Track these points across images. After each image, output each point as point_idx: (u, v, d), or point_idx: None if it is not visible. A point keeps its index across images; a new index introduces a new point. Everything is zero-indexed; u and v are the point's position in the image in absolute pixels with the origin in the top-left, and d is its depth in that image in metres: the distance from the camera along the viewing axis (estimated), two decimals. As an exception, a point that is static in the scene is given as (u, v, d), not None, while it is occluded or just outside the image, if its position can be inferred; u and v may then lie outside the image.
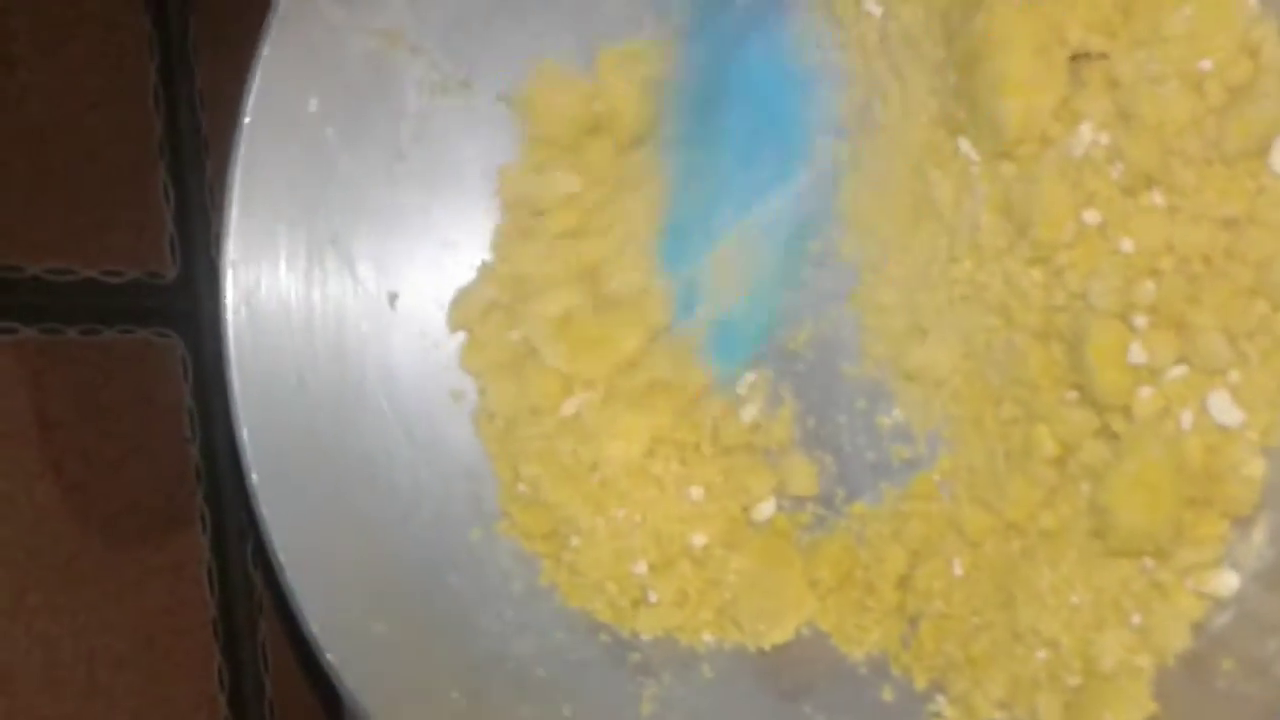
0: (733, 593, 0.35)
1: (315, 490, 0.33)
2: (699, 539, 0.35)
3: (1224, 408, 0.29)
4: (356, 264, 0.35)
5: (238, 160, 0.32)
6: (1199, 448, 0.29)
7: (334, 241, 0.35)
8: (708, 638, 0.35)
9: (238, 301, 0.33)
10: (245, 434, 0.32)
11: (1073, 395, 0.31)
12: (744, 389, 0.35)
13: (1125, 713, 0.29)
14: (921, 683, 0.32)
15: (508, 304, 0.36)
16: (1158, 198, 0.30)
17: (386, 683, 0.31)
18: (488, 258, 0.37)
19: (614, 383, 0.35)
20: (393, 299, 0.36)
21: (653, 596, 0.35)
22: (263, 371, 0.33)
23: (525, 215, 0.36)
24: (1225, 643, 0.29)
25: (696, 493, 0.35)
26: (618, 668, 0.35)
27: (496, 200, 0.37)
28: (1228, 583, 0.29)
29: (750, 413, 0.35)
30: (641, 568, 0.35)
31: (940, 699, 0.32)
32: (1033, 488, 0.31)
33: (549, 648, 0.35)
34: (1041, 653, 0.30)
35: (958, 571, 0.32)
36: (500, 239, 0.36)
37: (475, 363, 0.36)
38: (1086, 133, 0.30)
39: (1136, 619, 0.30)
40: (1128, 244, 0.30)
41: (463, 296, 0.36)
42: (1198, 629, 0.29)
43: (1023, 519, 0.31)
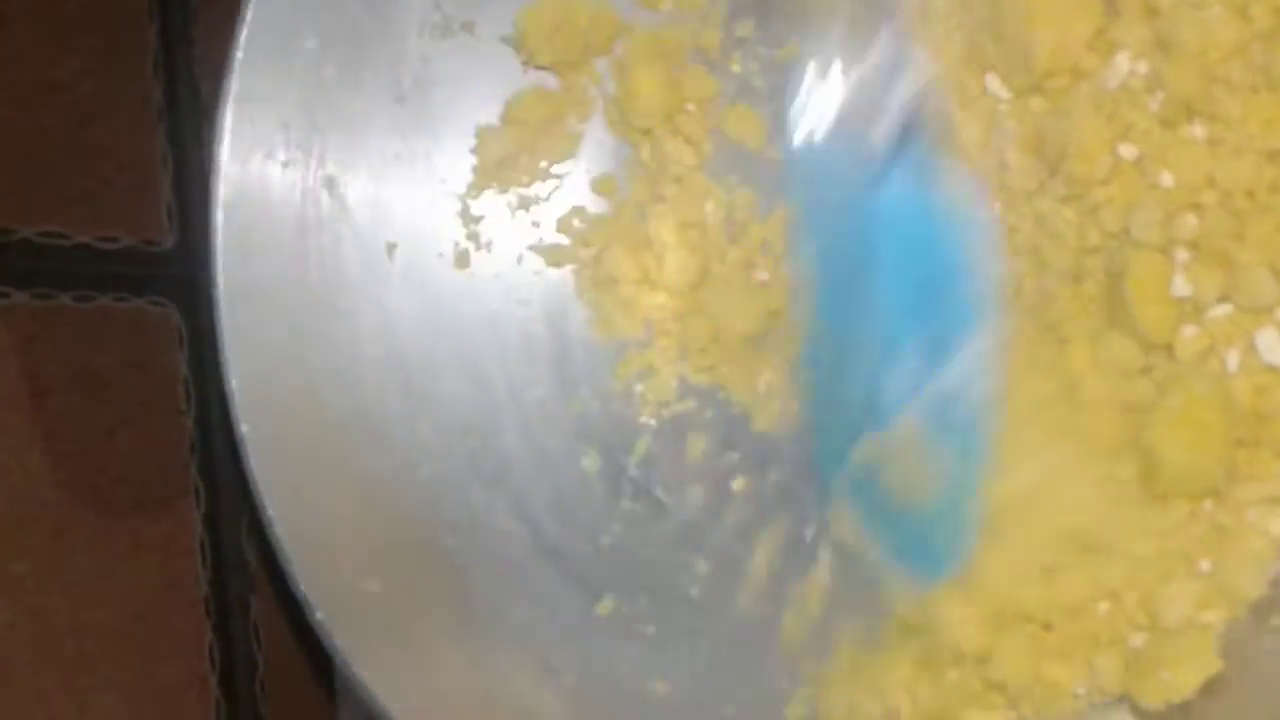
0: None
1: (308, 443, 0.32)
2: None
3: (1272, 346, 0.28)
4: (353, 211, 0.35)
5: (228, 96, 0.31)
6: (1247, 387, 0.28)
7: (330, 186, 0.34)
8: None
9: (229, 244, 0.32)
10: (235, 384, 0.31)
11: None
12: None
13: (1189, 672, 0.28)
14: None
15: None
16: (1199, 129, 0.29)
17: (378, 644, 0.31)
18: (488, 207, 0.37)
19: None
20: (390, 249, 0.36)
21: None
22: (254, 320, 0.32)
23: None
24: (1273, 600, 0.28)
25: None
26: (620, 634, 0.34)
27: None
28: None
29: None
30: None
31: None
32: None
33: (548, 612, 0.34)
34: (1104, 605, 0.29)
35: None
36: None
37: None
38: (1123, 63, 0.29)
39: (1205, 565, 0.29)
40: (1167, 178, 0.29)
41: None
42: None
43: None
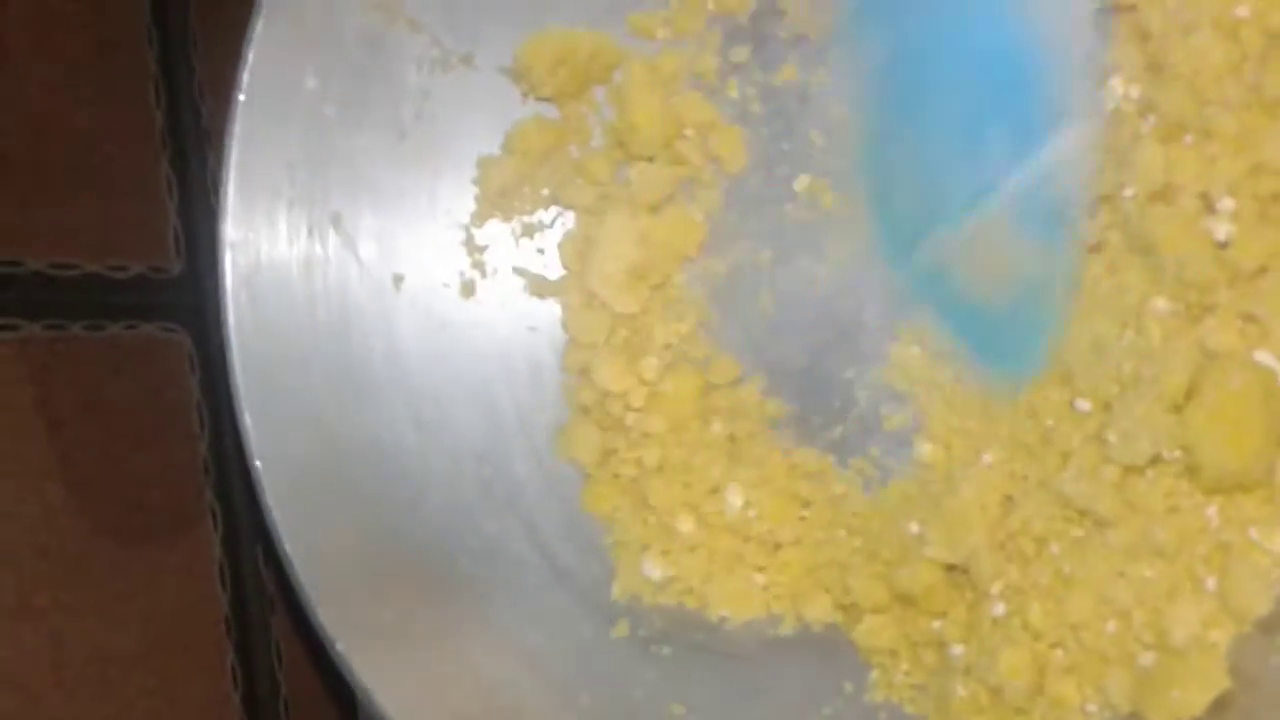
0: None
1: (321, 477, 0.33)
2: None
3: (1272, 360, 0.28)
4: (359, 245, 0.35)
5: (233, 139, 0.32)
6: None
7: (336, 222, 0.34)
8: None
9: (237, 285, 0.32)
10: (248, 420, 0.31)
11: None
12: None
13: (1198, 690, 0.27)
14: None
15: None
16: (1190, 141, 0.29)
17: (398, 673, 0.31)
18: (493, 238, 0.37)
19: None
20: (397, 281, 0.36)
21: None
22: (265, 356, 0.32)
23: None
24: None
25: None
26: (637, 656, 0.35)
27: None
28: None
29: None
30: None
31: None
32: None
33: (565, 635, 0.35)
34: (1112, 624, 0.29)
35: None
36: None
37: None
38: (1117, 86, 0.29)
39: (1211, 583, 0.28)
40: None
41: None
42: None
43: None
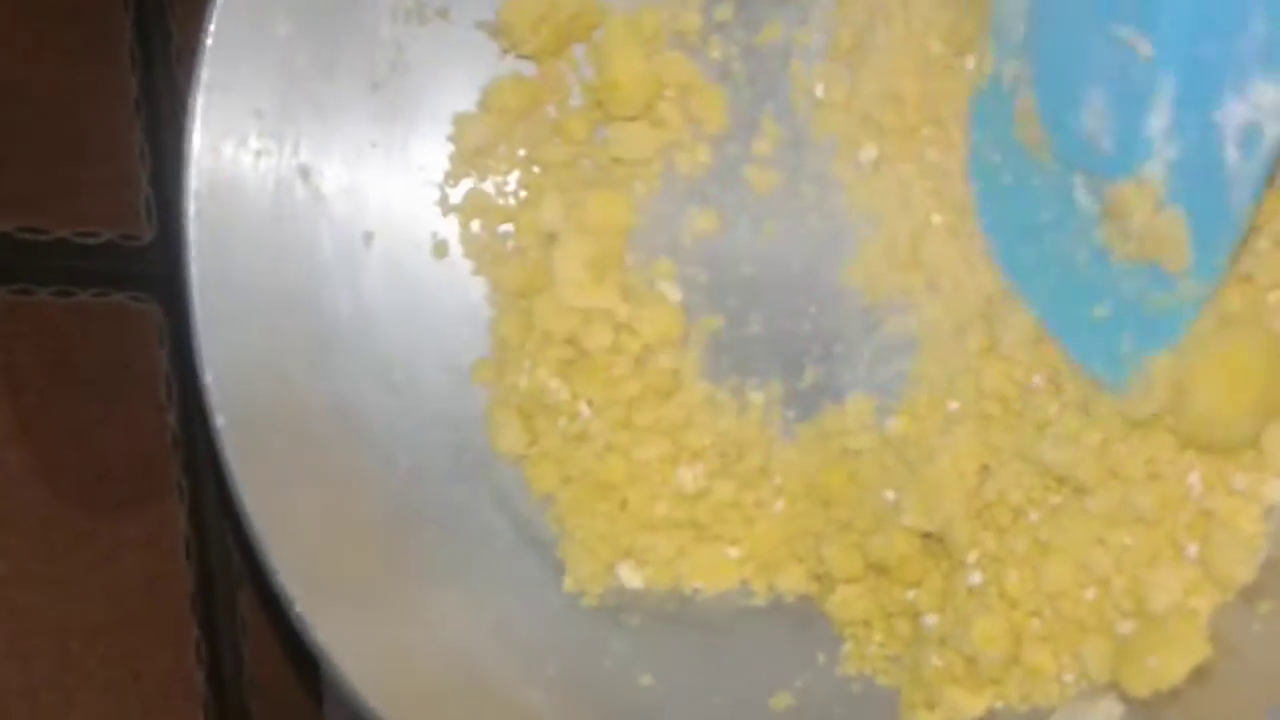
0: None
1: (285, 437, 0.32)
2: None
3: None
4: (329, 200, 0.34)
5: (199, 84, 0.31)
6: None
7: (305, 175, 0.34)
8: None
9: (201, 236, 0.31)
10: (209, 377, 0.31)
11: None
12: None
13: (1177, 658, 0.27)
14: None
15: None
16: None
17: (360, 638, 0.30)
18: (464, 195, 0.36)
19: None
20: (367, 238, 0.35)
21: None
22: (228, 312, 0.32)
23: None
24: (1260, 586, 0.27)
25: None
26: (606, 626, 0.34)
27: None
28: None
29: None
30: None
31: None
32: None
33: (532, 604, 0.34)
34: (1090, 591, 0.29)
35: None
36: None
37: None
38: None
39: (1193, 550, 0.28)
40: None
41: None
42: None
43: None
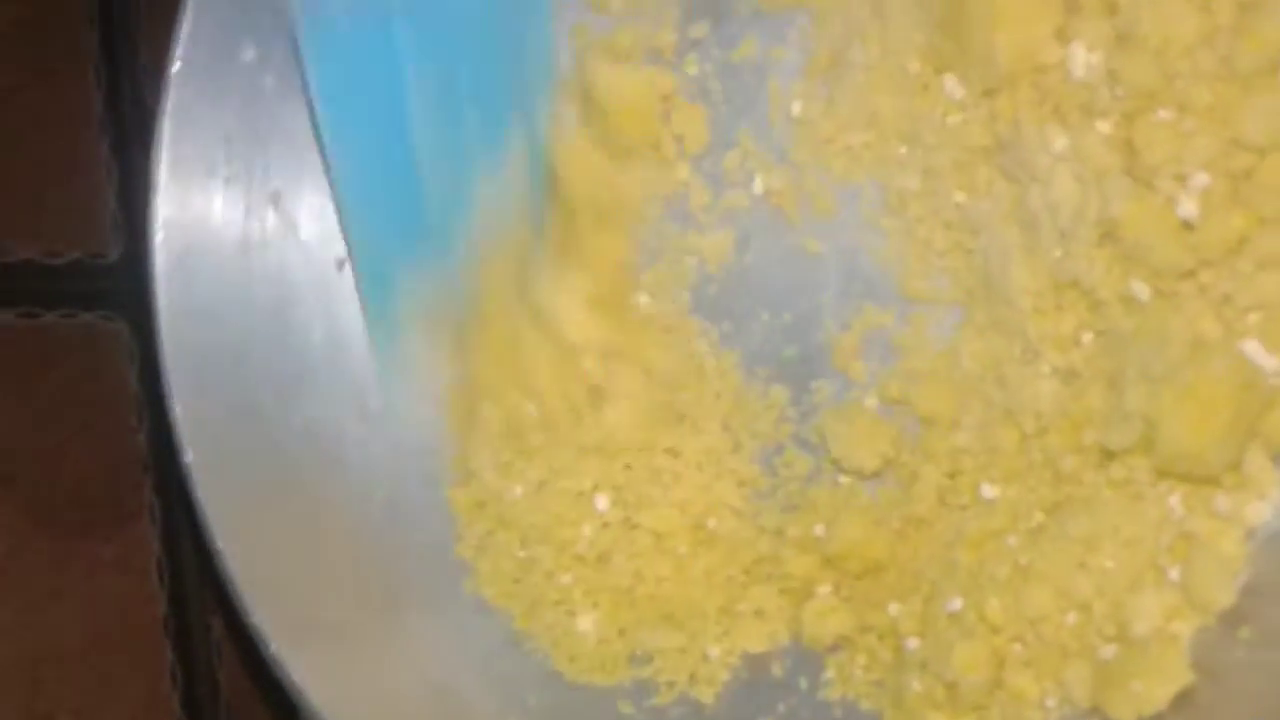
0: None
1: (258, 470, 0.32)
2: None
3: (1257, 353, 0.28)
4: (300, 225, 0.34)
5: (167, 111, 0.31)
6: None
7: (275, 201, 0.34)
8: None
9: (169, 266, 0.31)
10: (178, 410, 0.31)
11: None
12: None
13: (1160, 683, 0.27)
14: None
15: None
16: (1164, 114, 0.29)
17: (338, 676, 0.30)
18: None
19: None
20: (340, 264, 0.35)
21: None
22: (198, 343, 0.32)
23: None
24: (1240, 611, 0.28)
25: None
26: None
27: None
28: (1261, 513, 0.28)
29: None
30: None
31: None
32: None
33: (511, 635, 0.34)
34: (1071, 616, 0.29)
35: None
36: None
37: None
38: (1079, 53, 0.29)
39: (1174, 574, 0.28)
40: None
41: None
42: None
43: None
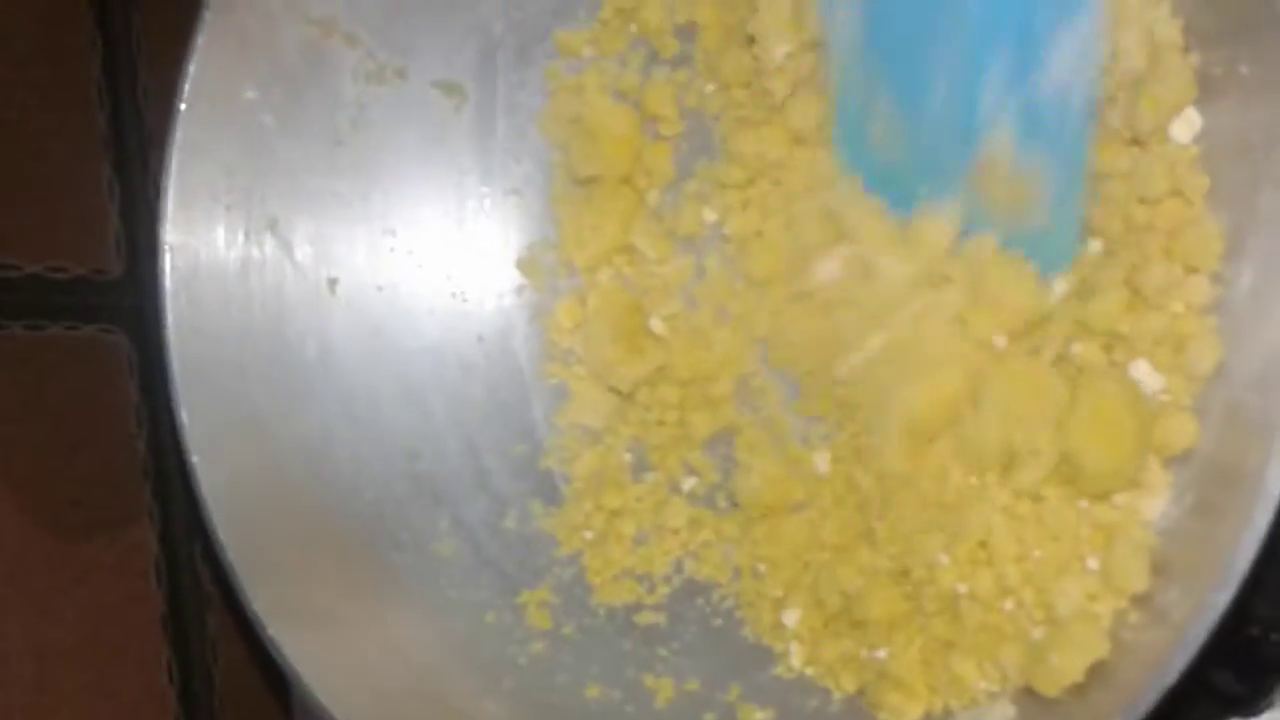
0: None
1: (256, 472, 0.33)
2: None
3: (1146, 373, 0.30)
4: (295, 249, 0.36)
5: (174, 146, 0.33)
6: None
7: (273, 226, 0.35)
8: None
9: (176, 287, 0.33)
10: (184, 417, 0.32)
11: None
12: None
13: (1076, 657, 0.29)
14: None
15: None
16: None
17: (327, 658, 0.32)
18: (422, 244, 0.38)
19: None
20: (332, 284, 0.37)
21: None
22: (201, 356, 0.33)
23: None
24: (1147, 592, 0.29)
25: None
26: (556, 641, 0.36)
27: (431, 186, 0.38)
28: (1155, 508, 0.30)
29: None
30: None
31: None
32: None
33: (489, 624, 0.36)
34: (1008, 603, 0.31)
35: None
36: None
37: None
38: None
39: (1093, 563, 0.30)
40: None
41: None
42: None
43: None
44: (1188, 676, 0.26)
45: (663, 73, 0.37)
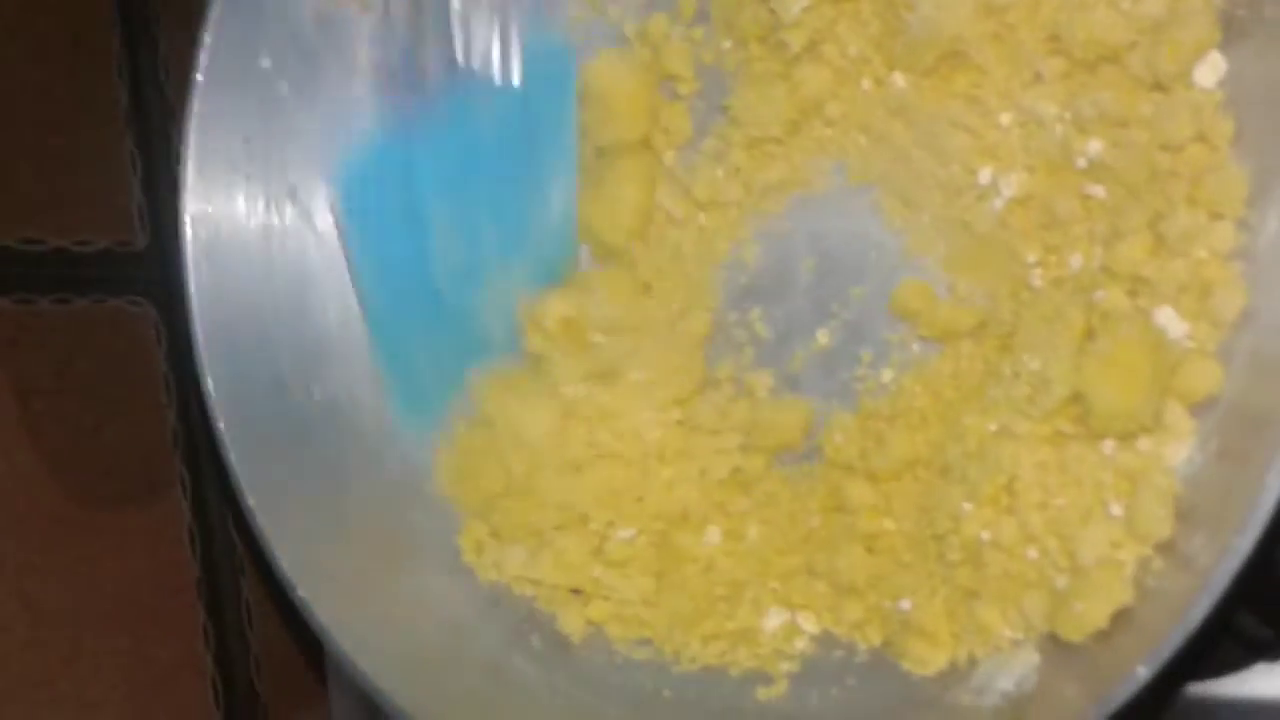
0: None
1: (283, 437, 0.34)
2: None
3: (1171, 320, 0.30)
4: (315, 216, 0.36)
5: (192, 117, 0.33)
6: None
7: (292, 195, 0.35)
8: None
9: (198, 256, 0.33)
10: (210, 385, 0.32)
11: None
12: None
13: (1100, 603, 0.29)
14: None
15: None
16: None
17: (356, 617, 0.32)
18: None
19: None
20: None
21: None
22: (225, 323, 0.33)
23: None
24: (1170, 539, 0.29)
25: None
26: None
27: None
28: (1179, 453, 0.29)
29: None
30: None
31: None
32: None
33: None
34: (1032, 551, 0.31)
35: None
36: None
37: None
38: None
39: (1118, 509, 0.30)
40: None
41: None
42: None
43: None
44: (1213, 622, 0.26)
45: (679, 31, 0.37)
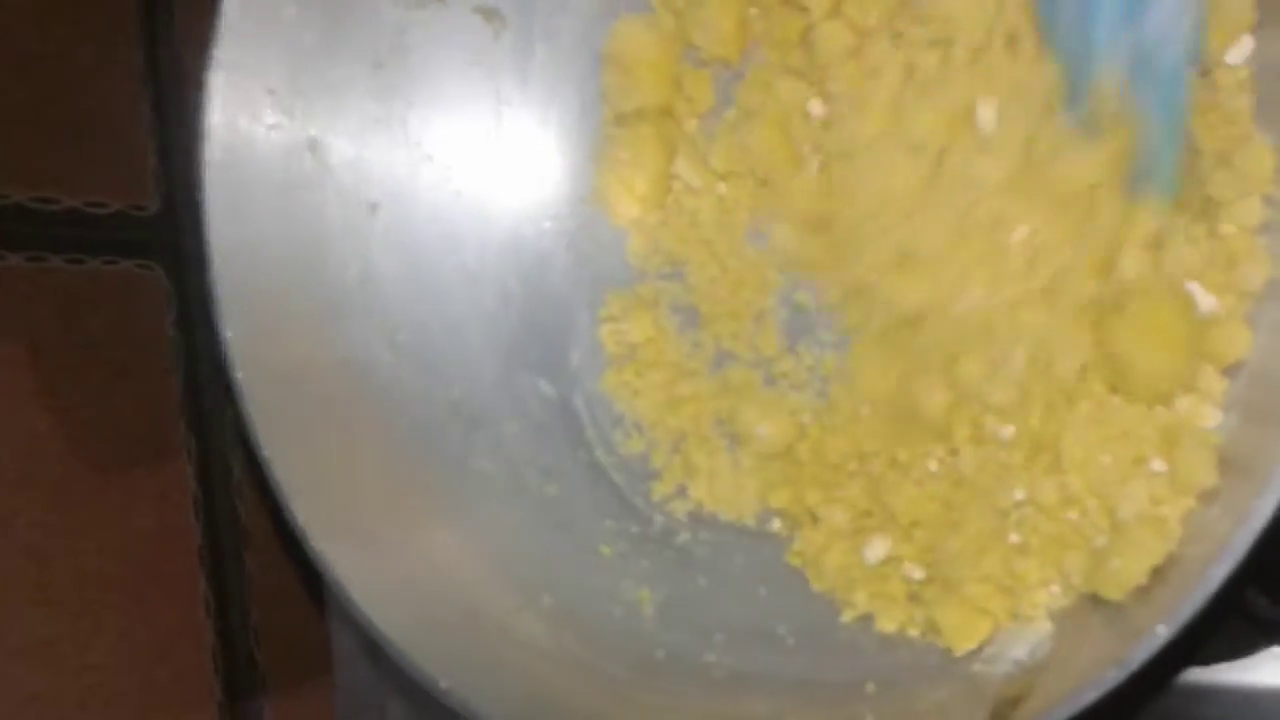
0: None
1: (297, 389, 0.34)
2: None
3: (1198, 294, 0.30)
4: (335, 171, 0.36)
5: (215, 63, 0.32)
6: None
7: (313, 148, 0.35)
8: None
9: (216, 205, 0.33)
10: (228, 334, 0.32)
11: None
12: None
13: (1139, 559, 0.29)
14: None
15: None
16: None
17: (369, 571, 0.32)
18: (461, 171, 0.38)
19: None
20: (372, 208, 0.37)
21: None
22: (244, 275, 0.33)
23: None
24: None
25: None
26: (592, 561, 0.36)
27: (469, 112, 0.38)
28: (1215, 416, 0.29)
29: None
30: None
31: None
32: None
33: (527, 543, 0.36)
34: (1072, 513, 0.31)
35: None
36: None
37: None
38: None
39: (1159, 465, 0.30)
40: None
41: None
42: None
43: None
44: (1225, 601, 0.26)
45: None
